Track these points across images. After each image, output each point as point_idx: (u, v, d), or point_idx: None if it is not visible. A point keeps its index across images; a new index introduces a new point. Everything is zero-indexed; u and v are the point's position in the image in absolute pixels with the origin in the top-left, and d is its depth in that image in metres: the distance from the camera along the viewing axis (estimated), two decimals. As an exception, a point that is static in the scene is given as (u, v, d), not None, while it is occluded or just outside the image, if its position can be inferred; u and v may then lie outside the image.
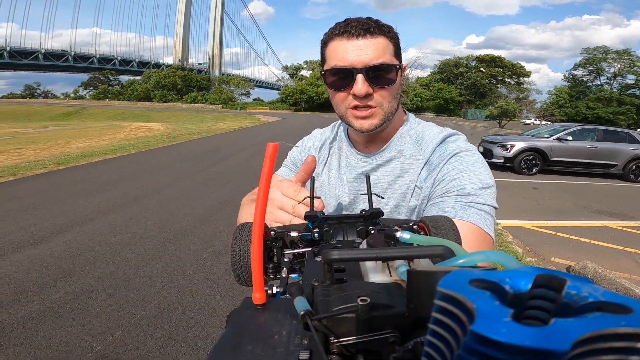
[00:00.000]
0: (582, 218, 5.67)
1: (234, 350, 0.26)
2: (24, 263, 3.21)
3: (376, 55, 0.75)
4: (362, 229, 0.48)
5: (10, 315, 2.44)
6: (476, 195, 0.73)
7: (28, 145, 11.43)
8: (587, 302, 0.17)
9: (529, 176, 9.11)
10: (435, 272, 0.23)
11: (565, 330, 0.14)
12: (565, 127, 9.88)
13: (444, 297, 0.18)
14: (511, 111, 40.01)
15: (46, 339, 2.21)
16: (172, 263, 3.32)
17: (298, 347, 0.26)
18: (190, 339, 2.28)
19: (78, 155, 9.22)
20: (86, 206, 4.92)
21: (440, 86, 71.49)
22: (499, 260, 0.24)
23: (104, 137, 14.99)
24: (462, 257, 0.27)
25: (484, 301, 0.17)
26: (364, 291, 0.28)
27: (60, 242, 3.68)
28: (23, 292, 2.74)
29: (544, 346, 0.14)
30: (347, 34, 0.76)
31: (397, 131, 0.90)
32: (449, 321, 0.18)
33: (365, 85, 0.75)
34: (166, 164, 8.59)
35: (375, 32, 0.76)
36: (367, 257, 0.30)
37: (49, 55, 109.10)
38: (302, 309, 0.27)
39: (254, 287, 0.31)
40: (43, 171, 7.16)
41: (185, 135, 16.16)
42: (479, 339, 0.15)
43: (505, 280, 0.19)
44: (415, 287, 0.24)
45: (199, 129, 20.78)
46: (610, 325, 0.14)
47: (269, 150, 0.35)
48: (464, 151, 0.81)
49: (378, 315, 0.26)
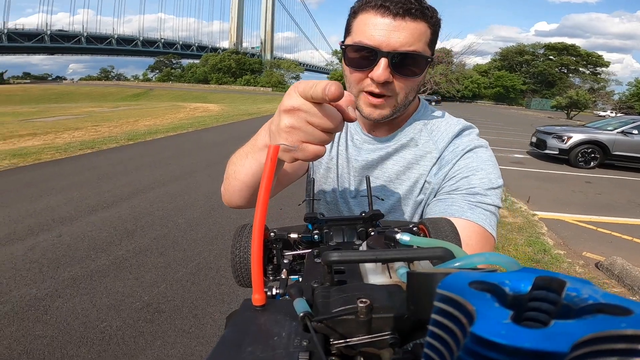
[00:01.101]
0: (631, 215, 5.29)
1: (234, 351, 0.26)
2: (97, 224, 3.81)
3: (409, 41, 0.67)
4: (362, 230, 0.48)
5: (82, 269, 2.93)
6: (485, 196, 0.72)
7: (103, 123, 13.31)
8: (587, 304, 0.17)
9: (585, 170, 8.38)
10: (435, 274, 0.23)
11: (565, 332, 0.14)
12: (634, 120, 9.03)
13: (443, 299, 0.18)
14: (582, 102, 37.12)
15: (106, 290, 2.66)
16: (214, 229, 3.82)
17: (298, 349, 0.26)
18: (219, 295, 2.66)
19: (145, 132, 10.64)
20: (149, 177, 5.73)
21: (500, 74, 68.35)
22: (499, 262, 0.24)
23: (167, 116, 16.61)
24: (462, 259, 0.26)
25: (484, 303, 0.17)
26: (364, 293, 0.28)
27: (127, 207, 4.35)
28: (94, 249, 3.28)
29: (544, 348, 0.14)
30: (384, 9, 0.67)
31: (409, 117, 0.83)
32: (448, 323, 0.18)
33: (387, 72, 0.67)
34: (219, 142, 9.56)
35: (417, 15, 0.67)
36: (366, 258, 0.30)
37: (121, 40, 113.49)
38: (302, 310, 0.27)
39: (254, 289, 0.31)
40: (115, 145, 8.42)
41: (237, 115, 17.72)
42: (478, 340, 0.15)
43: (505, 282, 0.19)
44: (415, 288, 0.24)
45: (250, 110, 22.19)
46: (610, 326, 0.14)
47: (270, 152, 0.35)
48: (477, 147, 0.78)
49: (378, 317, 0.26)
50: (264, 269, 0.34)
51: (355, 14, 0.73)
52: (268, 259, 0.47)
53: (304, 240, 0.48)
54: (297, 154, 0.43)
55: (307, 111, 0.42)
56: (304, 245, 0.48)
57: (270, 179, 0.34)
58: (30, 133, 10.49)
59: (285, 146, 0.42)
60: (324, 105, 0.42)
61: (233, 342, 0.27)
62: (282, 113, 0.44)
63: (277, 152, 0.35)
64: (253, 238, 0.32)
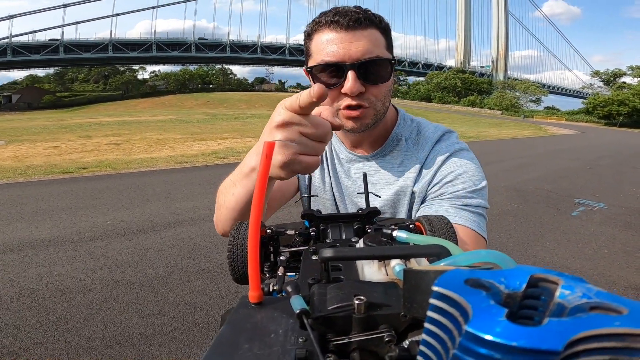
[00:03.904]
0: None
1: (231, 348, 0.26)
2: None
3: (369, 48, 0.69)
4: (358, 227, 0.48)
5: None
6: (470, 198, 0.73)
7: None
8: (581, 302, 0.17)
9: None
10: (431, 271, 0.22)
11: (559, 330, 0.14)
12: None
13: (439, 296, 0.19)
14: None
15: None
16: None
17: (294, 346, 0.26)
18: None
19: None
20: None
21: None
22: (495, 260, 0.24)
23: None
24: (458, 256, 0.26)
25: (480, 301, 0.17)
26: (360, 290, 0.28)
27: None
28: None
29: (538, 346, 0.14)
30: (335, 24, 0.70)
31: (391, 131, 0.85)
32: (444, 320, 0.18)
33: (357, 82, 0.69)
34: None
35: (367, 23, 0.70)
36: (363, 255, 0.30)
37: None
38: (299, 307, 0.27)
39: (251, 286, 0.31)
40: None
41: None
42: (474, 338, 0.15)
43: (500, 279, 0.19)
44: (411, 286, 0.24)
45: (468, 132, 19.60)
46: (604, 325, 0.14)
47: (265, 148, 0.35)
48: (457, 151, 0.80)
49: (374, 314, 0.26)
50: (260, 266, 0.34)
51: (309, 36, 0.75)
52: (265, 256, 0.47)
53: (301, 237, 0.48)
54: (294, 167, 0.44)
55: (298, 123, 0.43)
56: (300, 242, 0.48)
57: (266, 176, 0.34)
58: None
59: (281, 142, 0.43)
60: (312, 116, 0.44)
61: (230, 339, 0.27)
62: (273, 130, 0.45)
63: (272, 148, 0.35)
64: (250, 235, 0.32)
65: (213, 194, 0.75)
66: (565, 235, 4.34)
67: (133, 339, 2.15)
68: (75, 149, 9.36)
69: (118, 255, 3.23)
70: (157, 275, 2.89)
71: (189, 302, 2.55)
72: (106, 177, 6.26)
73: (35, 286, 2.69)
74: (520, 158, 11.01)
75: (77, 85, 77.71)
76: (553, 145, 17.06)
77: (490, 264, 0.24)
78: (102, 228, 3.83)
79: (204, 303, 2.55)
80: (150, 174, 6.52)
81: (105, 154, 8.63)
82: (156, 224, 3.98)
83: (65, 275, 2.85)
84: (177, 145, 10.31)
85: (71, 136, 12.12)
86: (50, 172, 6.37)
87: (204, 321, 2.35)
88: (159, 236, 3.66)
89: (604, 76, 71.91)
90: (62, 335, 2.16)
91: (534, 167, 9.29)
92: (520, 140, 18.61)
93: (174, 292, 2.68)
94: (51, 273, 2.88)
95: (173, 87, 77.62)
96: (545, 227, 4.59)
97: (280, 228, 0.49)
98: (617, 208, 5.71)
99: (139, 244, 3.47)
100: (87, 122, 19.98)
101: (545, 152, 13.33)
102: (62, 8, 77.88)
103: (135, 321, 2.32)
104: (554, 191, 6.60)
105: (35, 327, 2.23)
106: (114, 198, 4.93)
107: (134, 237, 3.61)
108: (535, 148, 14.76)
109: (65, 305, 2.47)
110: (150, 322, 2.31)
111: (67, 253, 3.23)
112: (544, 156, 11.93)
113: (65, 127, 15.94)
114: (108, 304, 2.50)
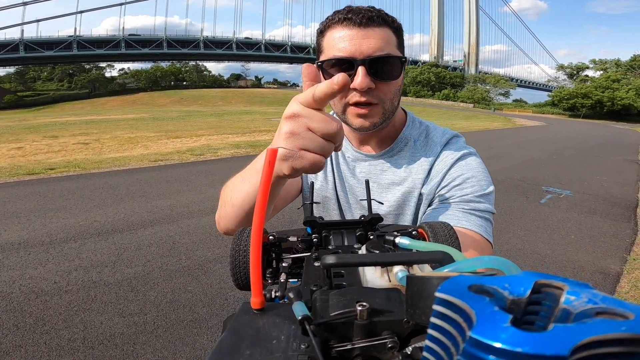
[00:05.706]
0: None
1: (233, 354, 0.25)
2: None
3: (380, 45, 0.70)
4: (361, 234, 0.48)
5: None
6: (478, 202, 0.74)
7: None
8: (587, 308, 0.17)
9: None
10: (434, 277, 0.23)
11: (565, 335, 0.14)
12: None
13: (443, 303, 0.18)
14: None
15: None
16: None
17: (296, 352, 0.26)
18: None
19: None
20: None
21: None
22: (498, 266, 0.24)
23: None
24: (461, 262, 0.27)
25: (483, 307, 0.17)
26: (363, 296, 0.28)
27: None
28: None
29: (544, 351, 0.14)
30: (348, 21, 0.70)
31: (400, 132, 0.85)
32: (448, 327, 0.18)
33: (367, 78, 0.69)
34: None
35: (379, 22, 0.71)
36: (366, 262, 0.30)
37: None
38: (301, 313, 0.27)
39: (253, 292, 0.31)
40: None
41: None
42: (478, 344, 0.15)
43: (504, 285, 0.19)
44: (414, 292, 0.24)
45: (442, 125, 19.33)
46: (609, 330, 0.15)
47: (268, 155, 0.35)
48: (465, 155, 0.81)
49: (376, 321, 0.26)
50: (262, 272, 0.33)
51: (322, 33, 0.76)
52: (267, 262, 0.46)
53: (303, 244, 0.47)
54: (295, 162, 0.43)
55: (306, 116, 0.43)
56: (303, 248, 0.48)
57: (269, 182, 0.33)
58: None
59: (284, 150, 0.42)
60: (323, 112, 0.43)
61: (232, 345, 0.26)
62: (283, 120, 0.45)
63: (275, 155, 0.35)
64: (252, 241, 0.31)
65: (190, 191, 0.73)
66: (534, 222, 4.53)
67: (115, 338, 2.10)
68: (40, 149, 8.89)
69: (93, 255, 3.12)
70: (136, 275, 2.81)
71: (171, 299, 2.50)
72: (75, 177, 5.98)
73: (8, 289, 2.57)
74: (491, 149, 11.32)
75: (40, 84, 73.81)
76: (521, 136, 17.68)
77: (493, 270, 0.24)
78: (74, 229, 3.68)
79: (186, 300, 2.50)
80: (123, 173, 6.28)
81: (73, 154, 8.25)
82: (132, 223, 3.86)
83: (39, 278, 2.74)
84: (150, 144, 9.99)
85: (36, 136, 11.50)
86: (15, 173, 6.04)
87: (187, 318, 2.31)
88: (136, 235, 3.56)
89: (568, 70, 74.33)
90: (41, 338, 2.09)
91: (504, 157, 9.63)
92: (491, 132, 19.26)
93: (154, 290, 2.61)
94: (24, 276, 2.76)
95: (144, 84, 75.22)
96: (515, 215, 4.77)
97: (283, 234, 0.48)
98: (582, 195, 6.01)
99: (115, 243, 3.36)
100: (52, 121, 19.13)
101: (514, 143, 13.82)
102: (22, 6, 74.03)
103: (116, 321, 2.26)
104: (524, 180, 6.87)
105: (12, 330, 2.15)
106: (85, 198, 4.73)
107: (109, 237, 3.49)
108: (505, 139, 15.33)
109: (42, 307, 2.38)
110: (133, 322, 2.25)
111: (38, 255, 3.10)
112: (513, 147, 12.39)
113: (29, 128, 15.12)
114: (86, 304, 2.41)
